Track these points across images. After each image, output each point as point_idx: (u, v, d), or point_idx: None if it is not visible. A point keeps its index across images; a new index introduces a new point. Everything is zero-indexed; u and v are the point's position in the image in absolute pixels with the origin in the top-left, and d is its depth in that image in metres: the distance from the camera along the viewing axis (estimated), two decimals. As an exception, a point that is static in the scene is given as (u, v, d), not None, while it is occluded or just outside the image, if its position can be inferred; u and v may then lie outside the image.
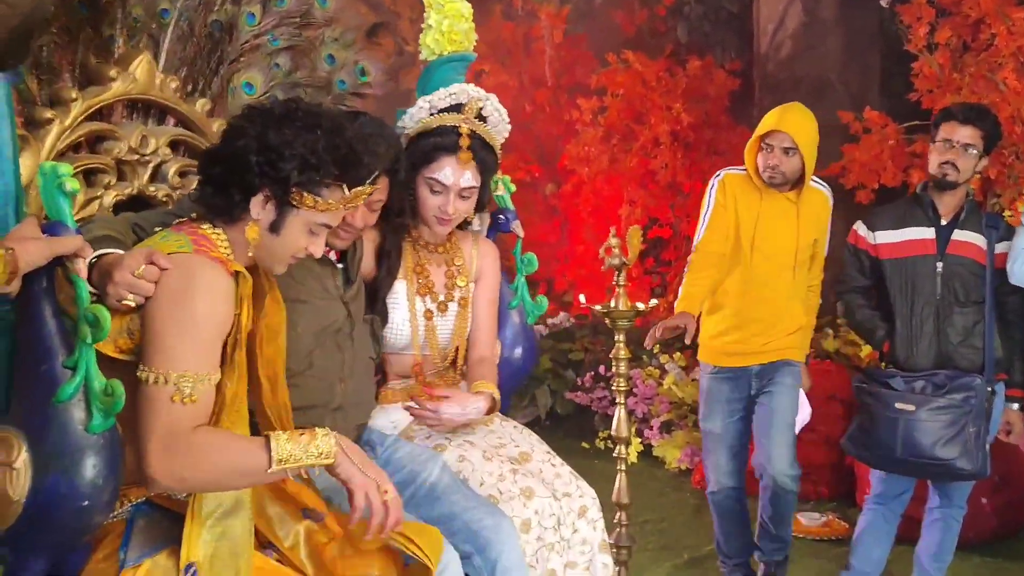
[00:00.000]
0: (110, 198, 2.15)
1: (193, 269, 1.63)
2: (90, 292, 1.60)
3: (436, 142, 2.21)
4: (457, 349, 2.36)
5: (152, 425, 1.59)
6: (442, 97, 2.23)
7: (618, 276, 3.10)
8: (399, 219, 2.26)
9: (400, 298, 2.30)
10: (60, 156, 2.08)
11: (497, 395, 2.26)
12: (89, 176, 2.14)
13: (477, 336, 2.38)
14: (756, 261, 3.16)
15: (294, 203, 1.70)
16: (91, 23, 2.14)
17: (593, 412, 5.53)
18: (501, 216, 2.50)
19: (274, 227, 1.72)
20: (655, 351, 5.33)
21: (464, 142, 2.21)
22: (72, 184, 1.53)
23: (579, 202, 6.23)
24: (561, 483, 2.18)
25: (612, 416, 3.79)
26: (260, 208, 1.70)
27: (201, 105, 2.27)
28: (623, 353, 3.24)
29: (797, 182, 3.15)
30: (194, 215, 1.78)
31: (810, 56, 5.59)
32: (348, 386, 2.12)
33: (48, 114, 2.04)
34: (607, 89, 6.00)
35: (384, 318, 2.28)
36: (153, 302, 1.62)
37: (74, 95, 2.07)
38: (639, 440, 5.22)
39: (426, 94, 2.29)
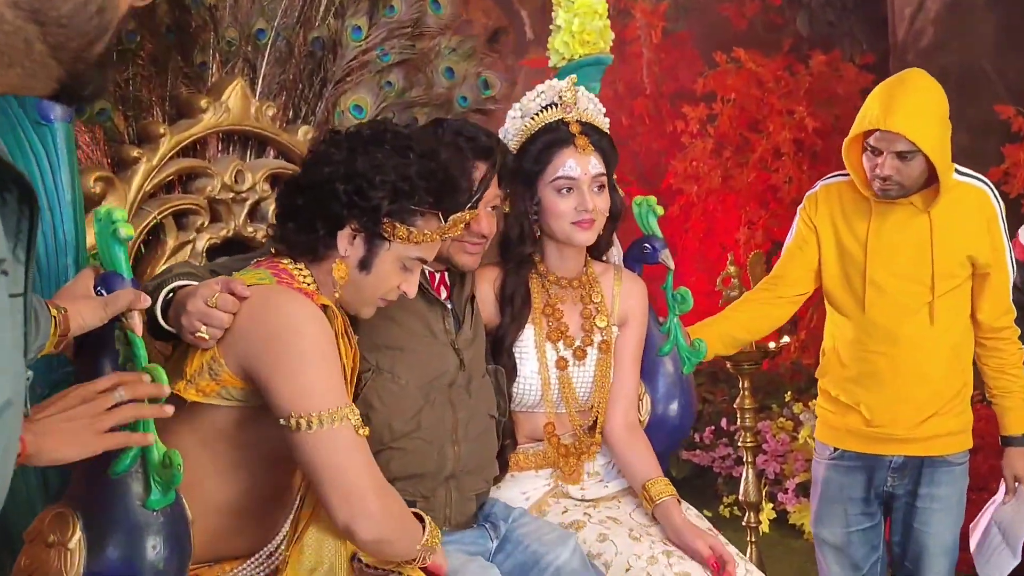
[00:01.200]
0: (203, 242, 2.29)
1: (282, 299, 1.71)
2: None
3: (546, 140, 2.29)
4: (597, 406, 2.39)
5: (352, 472, 1.67)
6: (532, 99, 2.33)
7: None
8: (519, 249, 2.33)
9: (528, 345, 2.34)
10: (149, 197, 2.23)
11: (671, 491, 2.29)
12: (180, 218, 2.29)
13: (621, 394, 2.40)
14: (873, 300, 2.73)
15: (386, 235, 1.78)
16: (180, 51, 2.29)
17: (715, 474, 5.52)
18: (647, 245, 2.52)
19: (364, 264, 1.80)
20: (787, 398, 5.32)
21: (576, 128, 2.29)
22: (127, 230, 1.62)
23: (688, 227, 6.25)
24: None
25: (738, 478, 3.80)
26: (348, 243, 1.79)
27: (303, 133, 2.37)
28: (749, 403, 3.27)
29: (926, 183, 2.67)
30: (273, 251, 1.88)
31: (958, 43, 5.55)
32: (463, 450, 2.15)
33: (135, 152, 2.19)
34: (716, 94, 6.05)
35: (512, 371, 2.33)
36: (251, 344, 1.68)
37: (162, 130, 2.22)
38: (771, 506, 5.19)
39: None
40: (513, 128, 2.35)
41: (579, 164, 2.26)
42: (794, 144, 5.91)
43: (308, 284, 1.80)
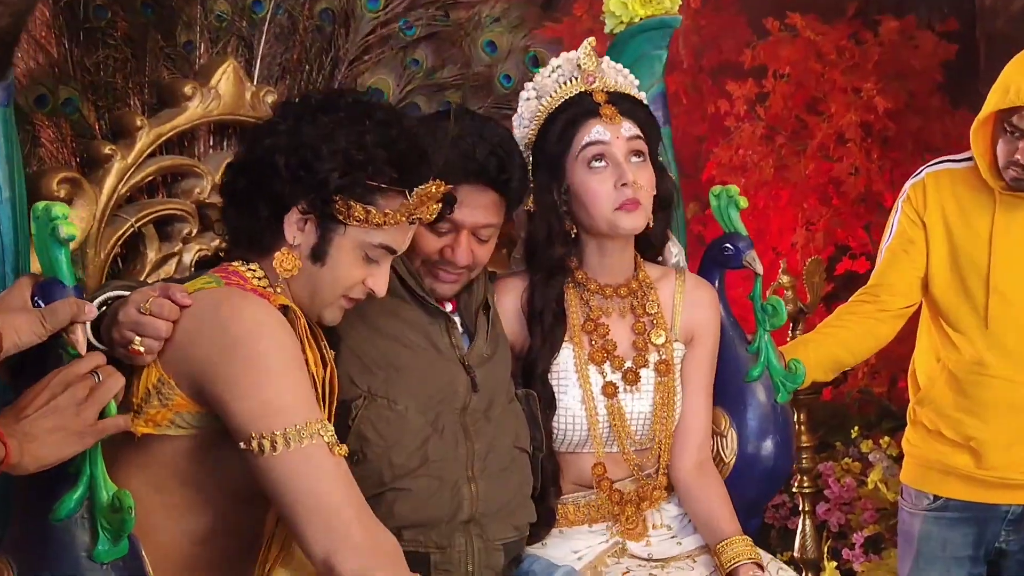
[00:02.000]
0: (191, 254, 2.31)
1: (233, 301, 1.75)
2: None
3: (567, 116, 2.32)
4: (660, 442, 2.39)
5: (329, 496, 1.69)
6: (547, 75, 2.36)
7: (794, 329, 3.16)
8: (549, 252, 2.34)
9: (567, 371, 2.35)
10: (126, 202, 2.25)
11: (751, 553, 2.30)
12: (163, 226, 2.31)
13: (691, 428, 2.42)
14: (997, 313, 2.73)
15: (340, 217, 1.81)
16: (160, 28, 2.31)
17: (767, 526, 5.54)
18: (728, 245, 2.52)
19: (317, 253, 1.84)
20: (853, 435, 5.35)
21: (601, 97, 2.32)
22: (68, 229, 1.65)
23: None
24: None
25: (794, 531, 3.81)
26: (297, 229, 1.83)
27: (312, 123, 2.42)
28: (807, 440, 3.30)
29: None
30: (221, 251, 1.92)
31: None
32: (482, 488, 2.17)
33: (108, 149, 2.21)
34: (767, 68, 6.05)
35: (549, 402, 2.34)
36: (200, 356, 1.71)
37: (140, 122, 2.24)
38: (835, 564, 5.21)
39: None
40: (528, 111, 2.37)
41: (608, 128, 2.29)
42: (861, 128, 5.90)
43: (263, 285, 1.84)
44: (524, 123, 2.38)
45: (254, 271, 1.86)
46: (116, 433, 1.71)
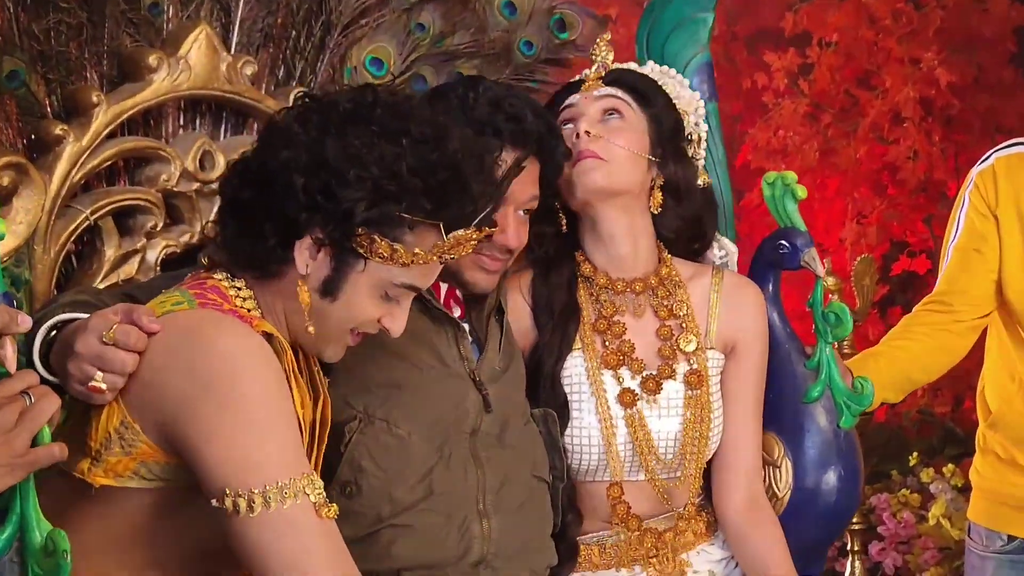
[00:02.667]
0: (157, 251, 2.32)
1: (209, 329, 1.73)
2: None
3: (557, 100, 2.39)
4: (687, 463, 2.38)
5: (313, 566, 1.68)
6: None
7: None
8: (546, 229, 2.37)
9: (579, 377, 2.36)
10: (80, 191, 2.26)
11: None
12: (124, 219, 2.31)
13: (739, 456, 2.42)
14: None
15: (361, 251, 1.79)
16: (122, -11, 2.32)
17: (812, 568, 5.57)
18: (783, 242, 2.53)
19: (328, 288, 1.81)
20: (912, 462, 5.37)
21: (594, 75, 2.38)
22: None
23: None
24: None
25: (843, 573, 3.82)
26: (309, 258, 1.80)
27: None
28: None
29: None
30: (205, 261, 1.90)
31: None
32: (496, 525, 2.16)
33: (59, 129, 2.22)
34: (812, 36, 6.09)
35: (562, 409, 2.34)
36: (169, 396, 1.70)
37: (96, 98, 2.25)
38: (890, 612, 5.24)
39: (654, 49, 2.48)
40: None
41: (582, 97, 2.35)
42: (920, 105, 5.93)
43: (246, 308, 1.82)
44: None
45: (239, 290, 1.84)
46: (59, 474, 1.71)
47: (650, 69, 2.46)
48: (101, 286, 2.27)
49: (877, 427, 5.36)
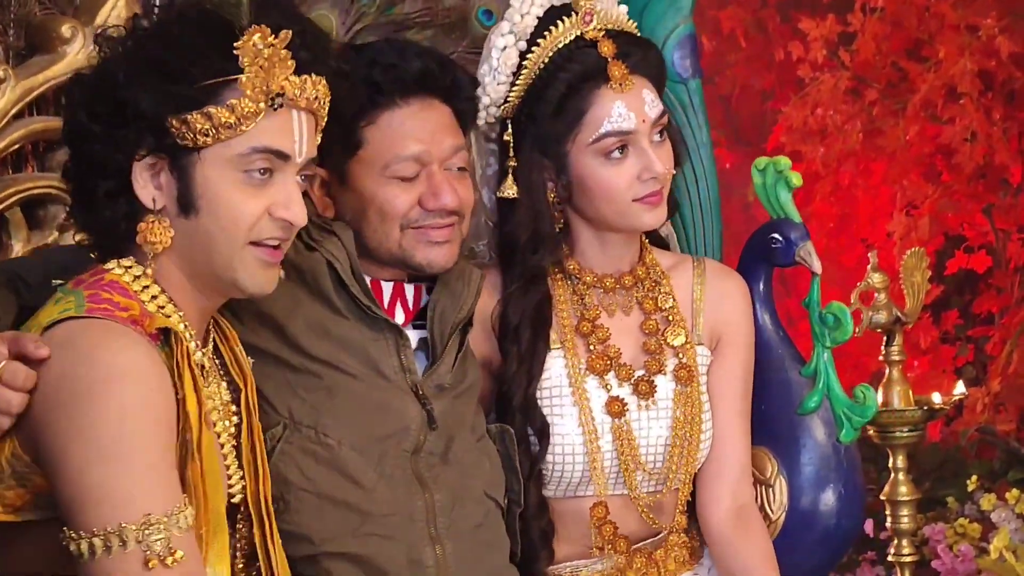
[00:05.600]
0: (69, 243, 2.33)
1: (85, 343, 1.77)
2: None
3: (567, 78, 2.35)
4: (674, 470, 2.40)
5: None
6: (524, 9, 2.37)
7: (889, 345, 3.18)
8: (532, 259, 2.38)
9: (560, 386, 2.39)
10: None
11: None
12: (33, 209, 2.36)
13: (725, 460, 2.45)
14: None
15: (186, 141, 1.84)
16: (30, -52, 2.37)
17: (858, 604, 5.58)
18: (775, 236, 2.54)
19: (185, 202, 1.87)
20: (971, 486, 5.37)
21: (607, 48, 2.34)
22: None
23: (810, 211, 6.26)
24: None
25: (890, 612, 3.84)
26: (153, 188, 1.87)
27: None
28: (907, 492, 3.29)
29: None
30: (94, 255, 1.94)
31: None
32: (451, 551, 2.19)
33: (-40, 109, 2.27)
34: (854, 1, 6.10)
35: (543, 433, 2.36)
36: (38, 422, 1.74)
37: (1, 73, 2.29)
38: (947, 658, 5.24)
39: (632, 19, 2.44)
40: (505, 64, 2.39)
41: (630, 107, 2.33)
42: (979, 79, 5.91)
43: (150, 295, 1.88)
44: (499, 79, 2.40)
45: (129, 268, 1.89)
46: None
47: (624, 12, 2.45)
48: (7, 285, 2.33)
49: (931, 448, 5.36)
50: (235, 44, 1.82)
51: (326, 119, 1.98)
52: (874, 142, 6.13)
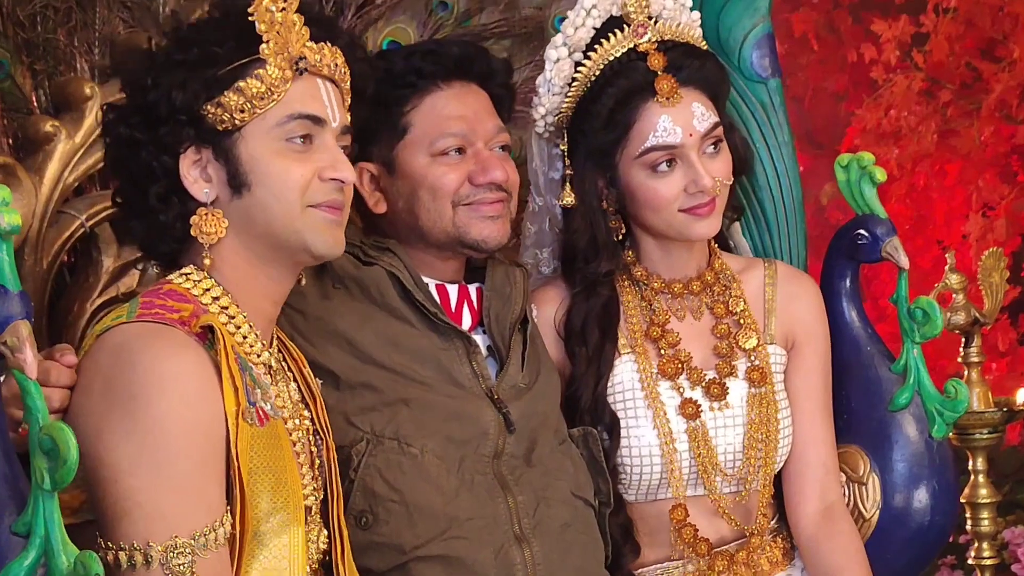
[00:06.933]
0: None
1: (130, 349, 1.82)
2: None
3: (615, 92, 2.40)
4: (752, 471, 2.44)
5: None
6: (579, 23, 2.42)
7: (967, 347, 3.19)
8: (591, 267, 2.44)
9: (632, 389, 2.44)
10: (73, 194, 2.37)
11: None
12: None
13: (809, 461, 2.48)
14: None
15: (223, 123, 1.93)
16: (114, -32, 2.45)
17: (941, 609, 5.57)
18: (862, 232, 2.58)
19: (236, 181, 1.94)
20: (1054, 487, 5.37)
21: (656, 62, 2.38)
22: (11, 218, 1.67)
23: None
24: None
25: (968, 615, 3.84)
26: (203, 180, 1.94)
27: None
28: (987, 495, 3.29)
29: None
30: (156, 270, 2.06)
31: None
32: (539, 551, 2.23)
33: (49, 126, 2.32)
34: (927, 1, 6.09)
35: (611, 432, 2.41)
36: (84, 425, 1.78)
37: (89, 90, 2.35)
38: (1026, 660, 5.23)
39: (708, 19, 2.51)
40: (560, 76, 2.45)
41: (677, 121, 2.37)
42: (1058, 79, 5.93)
43: (212, 296, 1.94)
44: (554, 89, 2.46)
45: (189, 275, 1.96)
46: None
47: (691, 21, 2.49)
48: (98, 300, 2.40)
49: (1009, 450, 5.35)
50: (249, 9, 1.92)
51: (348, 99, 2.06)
52: (949, 143, 6.13)
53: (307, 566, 1.94)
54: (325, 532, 2.04)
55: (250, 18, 1.92)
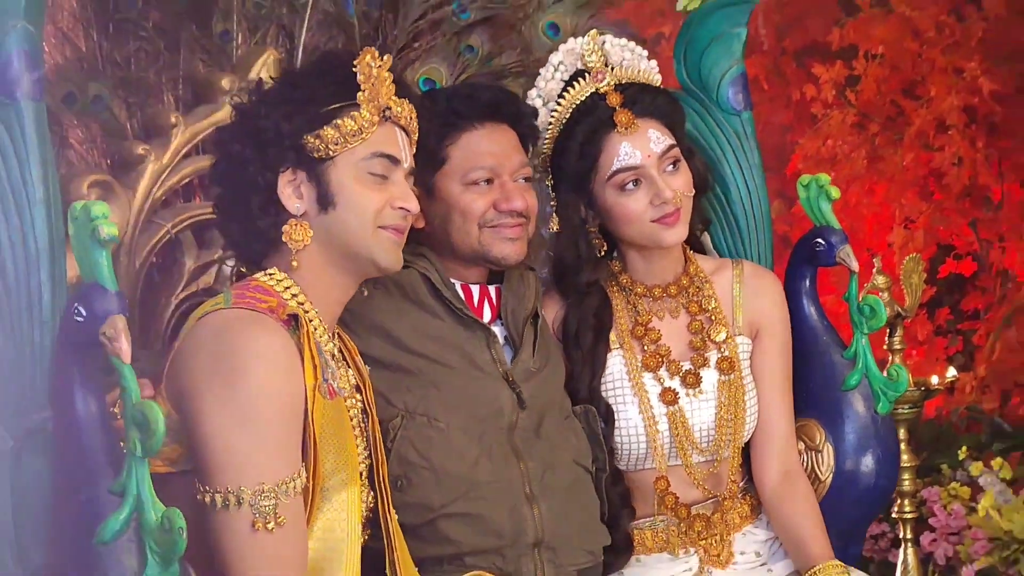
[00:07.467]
0: (233, 262, 2.37)
1: (229, 330, 1.86)
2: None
3: (584, 130, 2.37)
4: (721, 446, 2.40)
5: (234, 567, 1.81)
6: (549, 78, 2.42)
7: (891, 336, 3.16)
8: (577, 279, 2.42)
9: (620, 381, 2.42)
10: (161, 207, 2.34)
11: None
12: (202, 232, 2.39)
13: (769, 432, 2.45)
14: None
15: (319, 152, 1.96)
16: (195, 17, 2.41)
17: (866, 559, 5.51)
18: (819, 240, 2.54)
19: (323, 199, 1.96)
20: (961, 456, 5.33)
21: (614, 100, 2.36)
22: (109, 229, 1.69)
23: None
24: None
25: (895, 564, 3.80)
26: (296, 197, 1.96)
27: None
28: (908, 461, 3.28)
29: None
30: (244, 270, 2.04)
31: None
32: (546, 509, 2.22)
33: (141, 149, 2.30)
34: (858, 48, 6.03)
35: (608, 418, 2.39)
36: (187, 393, 1.84)
37: (174, 119, 2.33)
38: (943, 601, 5.18)
39: (691, 63, 2.52)
40: (542, 121, 2.43)
41: (635, 146, 2.34)
42: (965, 113, 5.86)
43: (291, 293, 1.96)
44: (542, 132, 2.45)
45: (272, 275, 1.98)
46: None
47: (612, 42, 2.45)
48: (181, 295, 2.38)
49: (927, 424, 5.32)
50: (355, 62, 1.97)
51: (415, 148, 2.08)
52: (876, 167, 6.10)
53: (360, 519, 1.97)
54: (372, 493, 2.03)
55: (353, 69, 1.96)
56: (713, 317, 2.45)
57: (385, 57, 2.02)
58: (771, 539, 2.46)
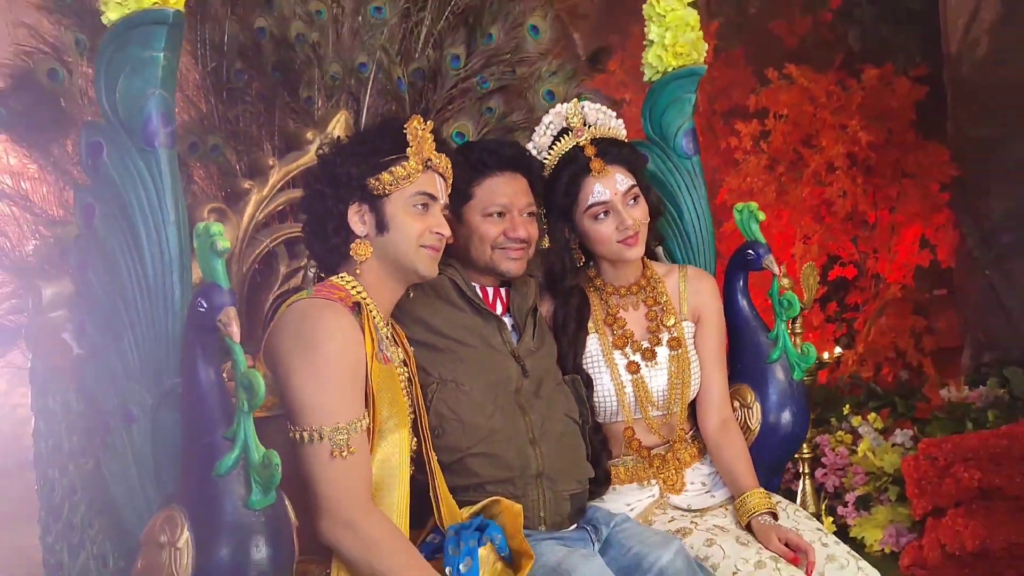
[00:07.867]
0: (314, 268, 2.36)
1: (310, 312, 1.90)
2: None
3: (568, 173, 2.36)
4: (672, 403, 2.39)
5: (319, 487, 1.84)
6: (542, 134, 2.42)
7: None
8: (563, 284, 2.40)
9: (597, 358, 2.42)
10: (261, 227, 2.32)
11: (766, 504, 2.27)
12: (292, 246, 2.38)
13: (709, 391, 2.44)
14: None
15: (379, 191, 2.00)
16: (286, 87, 2.40)
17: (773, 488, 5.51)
18: (750, 251, 2.57)
19: (380, 225, 2.00)
20: (845, 411, 5.31)
21: (590, 151, 2.35)
22: (223, 243, 1.73)
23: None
24: (834, 569, 2.18)
25: (796, 491, 3.81)
26: (360, 222, 2.01)
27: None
28: None
29: None
30: (323, 275, 2.06)
31: (1017, 53, 5.42)
32: (545, 449, 2.22)
33: (246, 184, 2.29)
34: (769, 110, 6.04)
35: (589, 384, 2.39)
36: (280, 357, 1.87)
37: (271, 162, 2.32)
38: (831, 519, 5.15)
39: (654, 120, 2.52)
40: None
41: (606, 186, 2.34)
42: (848, 158, 5.87)
43: (357, 291, 1.97)
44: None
45: (342, 277, 2.01)
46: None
47: (589, 106, 2.43)
48: (276, 292, 2.37)
49: (821, 388, 5.34)
50: (405, 125, 2.02)
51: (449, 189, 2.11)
52: (782, 198, 6.11)
53: (409, 455, 2.00)
54: (416, 439, 2.03)
55: (404, 130, 2.02)
56: (665, 308, 2.44)
57: (428, 122, 2.05)
58: (713, 473, 2.44)
